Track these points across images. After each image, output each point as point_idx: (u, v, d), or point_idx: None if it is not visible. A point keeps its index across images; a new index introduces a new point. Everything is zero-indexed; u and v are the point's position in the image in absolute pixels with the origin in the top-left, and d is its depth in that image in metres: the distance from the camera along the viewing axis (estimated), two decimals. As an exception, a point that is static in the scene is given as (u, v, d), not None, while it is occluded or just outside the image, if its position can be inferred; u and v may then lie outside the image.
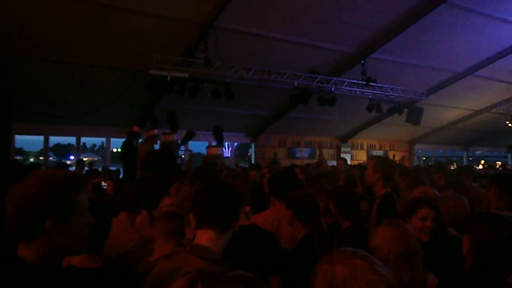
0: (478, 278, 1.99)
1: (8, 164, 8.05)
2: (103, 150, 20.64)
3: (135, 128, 7.99)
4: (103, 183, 7.34)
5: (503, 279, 1.95)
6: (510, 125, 17.19)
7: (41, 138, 12.17)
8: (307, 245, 2.74)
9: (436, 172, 6.14)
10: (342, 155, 16.31)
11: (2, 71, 8.08)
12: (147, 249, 3.00)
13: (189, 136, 8.48)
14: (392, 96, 12.14)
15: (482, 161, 21.17)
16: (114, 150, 16.98)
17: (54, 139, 13.55)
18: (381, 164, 3.86)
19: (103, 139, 13.96)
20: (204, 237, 1.80)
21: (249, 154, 17.35)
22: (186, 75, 8.68)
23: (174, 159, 7.24)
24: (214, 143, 9.24)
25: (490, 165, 12.03)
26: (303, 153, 16.41)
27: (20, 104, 9.00)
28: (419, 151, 20.93)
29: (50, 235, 1.33)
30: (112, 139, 13.24)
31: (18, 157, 14.28)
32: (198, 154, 14.91)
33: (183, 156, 8.89)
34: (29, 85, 9.03)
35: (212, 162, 6.60)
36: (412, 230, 2.39)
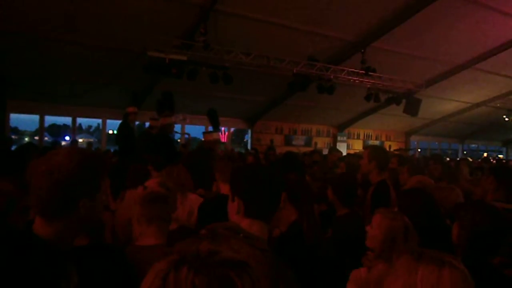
0: (467, 265, 2.02)
1: (4, 142, 8.03)
2: (99, 131, 20.55)
3: (130, 109, 7.94)
4: None
5: (489, 260, 1.98)
6: (506, 119, 17.26)
7: (37, 117, 12.11)
8: (295, 231, 2.76)
9: (434, 163, 6.16)
10: (339, 144, 16.35)
11: (-1, 49, 8.00)
12: None
13: (214, 115, 8.17)
14: (391, 87, 12.12)
15: (485, 154, 21.31)
16: (110, 132, 16.93)
17: (49, 119, 13.48)
18: (376, 153, 3.92)
19: (99, 121, 13.90)
20: (254, 227, 1.67)
21: (245, 140, 17.37)
22: (184, 58, 8.61)
23: (173, 143, 7.20)
24: (210, 128, 9.19)
25: (484, 159, 12.09)
26: (299, 140, 16.44)
27: (16, 82, 8.93)
28: (415, 142, 21.01)
29: (80, 213, 1.37)
30: (108, 121, 13.18)
31: (13, 136, 14.21)
32: (195, 139, 14.91)
33: (179, 140, 8.86)
34: (25, 64, 8.94)
35: (208, 148, 6.58)
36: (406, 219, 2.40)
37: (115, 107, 11.46)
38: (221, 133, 16.13)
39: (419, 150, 21.45)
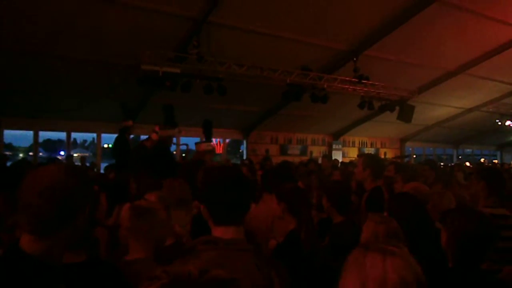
0: (457, 270, 2.04)
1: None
2: (94, 145, 20.47)
3: (125, 123, 7.93)
4: None
5: (479, 266, 2.00)
6: (499, 123, 17.38)
7: (31, 133, 12.07)
8: (293, 239, 2.77)
9: (430, 170, 6.20)
10: (334, 152, 16.40)
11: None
12: None
13: (209, 125, 8.16)
14: (384, 94, 12.20)
15: (482, 159, 21.41)
16: (105, 145, 16.90)
17: (44, 135, 13.45)
18: (370, 161, 3.96)
19: (94, 135, 13.88)
20: (229, 234, 1.61)
21: (240, 150, 17.39)
22: (178, 70, 8.64)
23: (172, 155, 7.17)
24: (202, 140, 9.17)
25: (478, 164, 12.18)
26: (294, 150, 16.46)
27: (9, 98, 8.92)
28: (410, 149, 21.09)
29: (74, 228, 1.36)
30: (103, 135, 13.15)
31: (7, 153, 14.14)
32: (192, 150, 14.88)
33: (174, 152, 8.82)
34: (18, 80, 8.95)
35: (199, 159, 6.57)
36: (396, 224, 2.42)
37: (110, 120, 11.44)
38: (216, 144, 16.15)
39: (414, 156, 21.54)
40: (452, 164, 15.26)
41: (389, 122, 14.91)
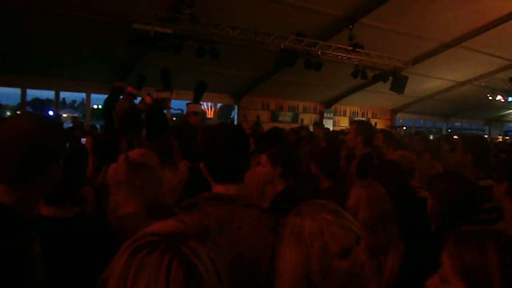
0: (438, 233, 2.09)
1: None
2: (83, 106, 20.20)
3: (118, 84, 7.79)
4: (82, 139, 7.22)
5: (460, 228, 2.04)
6: (490, 98, 17.46)
7: (19, 91, 11.83)
8: (287, 192, 2.82)
9: (419, 140, 6.26)
10: (325, 121, 16.41)
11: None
12: None
13: (202, 88, 8.06)
14: (378, 63, 12.13)
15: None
16: (95, 106, 16.69)
17: (32, 93, 13.20)
18: (362, 128, 3.98)
19: (83, 95, 13.68)
20: (231, 191, 1.61)
21: (231, 116, 17.32)
22: (170, 30, 8.45)
23: (165, 117, 7.11)
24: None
25: (464, 135, 12.35)
26: (286, 117, 16.45)
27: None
28: (400, 120, 21.20)
29: (48, 179, 1.35)
30: (92, 95, 12.97)
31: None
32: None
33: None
34: (5, 36, 8.68)
35: (185, 120, 6.54)
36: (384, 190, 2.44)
37: (100, 81, 11.28)
38: (207, 108, 16.06)
39: (404, 128, 21.70)
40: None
41: (381, 92, 14.90)
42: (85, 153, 2.10)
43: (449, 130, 23.39)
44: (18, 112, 16.75)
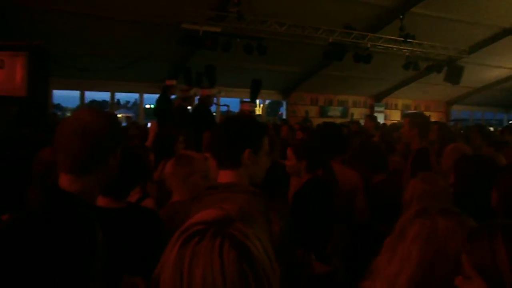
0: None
1: (48, 118, 8.32)
2: (136, 107, 20.98)
3: (168, 82, 8.03)
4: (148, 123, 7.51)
5: None
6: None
7: (77, 94, 12.44)
8: (312, 183, 2.83)
9: (477, 132, 5.93)
10: (376, 115, 15.97)
11: (39, 26, 8.21)
12: None
13: (257, 86, 8.27)
14: (431, 54, 11.66)
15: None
16: (147, 106, 17.23)
17: (89, 95, 13.85)
18: (417, 120, 3.83)
19: (136, 96, 14.16)
20: (227, 176, 1.72)
21: (280, 113, 17.31)
22: (218, 29, 8.59)
23: (212, 115, 7.26)
24: (246, 100, 9.19)
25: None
26: (335, 111, 16.18)
27: (57, 59, 9.15)
28: (456, 112, 20.24)
29: (107, 169, 1.45)
30: (145, 95, 13.41)
31: (58, 113, 14.69)
32: (232, 112, 14.99)
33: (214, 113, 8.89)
34: (64, 40, 9.14)
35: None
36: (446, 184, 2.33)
37: (152, 81, 11.63)
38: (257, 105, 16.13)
39: (461, 120, 20.71)
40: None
41: (435, 84, 14.31)
42: (145, 151, 2.22)
43: (510, 122, 22.05)
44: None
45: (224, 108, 8.86)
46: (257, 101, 15.30)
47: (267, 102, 16.65)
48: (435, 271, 1.25)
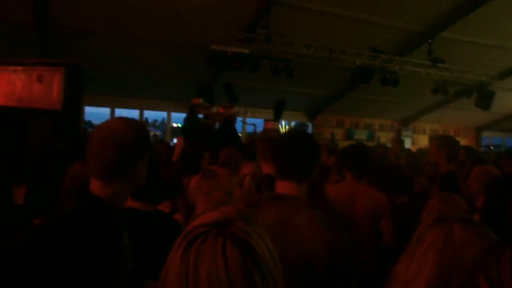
0: None
1: (81, 134, 8.58)
2: (163, 125, 21.38)
3: (194, 101, 8.21)
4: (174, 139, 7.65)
5: None
6: None
7: (107, 111, 12.77)
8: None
9: (507, 159, 5.78)
10: (403, 139, 15.76)
11: (73, 45, 8.56)
12: None
13: (281, 106, 8.42)
14: (461, 78, 11.49)
15: None
16: (175, 125, 17.52)
17: (119, 113, 14.21)
18: (445, 142, 3.77)
19: (164, 115, 14.43)
20: (287, 187, 1.76)
21: (306, 134, 17.23)
22: (246, 51, 8.75)
23: (238, 133, 7.33)
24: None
25: None
26: (361, 135, 16.05)
27: (90, 76, 9.47)
28: (487, 139, 19.74)
29: (136, 175, 1.50)
30: (172, 114, 13.67)
31: (89, 129, 15.11)
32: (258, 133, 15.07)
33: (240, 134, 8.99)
34: (97, 58, 9.47)
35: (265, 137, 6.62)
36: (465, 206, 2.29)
37: (180, 100, 11.88)
38: (281, 125, 16.18)
39: (491, 147, 20.15)
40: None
41: (465, 109, 14.07)
42: (177, 167, 2.33)
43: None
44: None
45: (250, 128, 8.95)
46: (282, 123, 15.39)
47: (292, 123, 16.67)
48: (451, 277, 1.26)
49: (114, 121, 1.55)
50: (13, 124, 4.02)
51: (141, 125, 1.56)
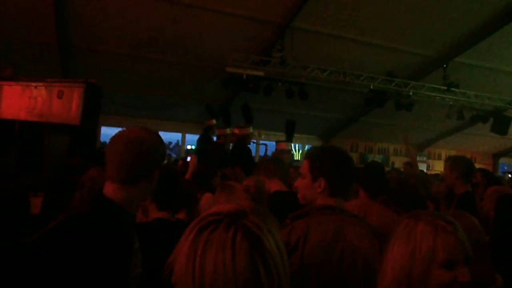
0: None
1: (96, 152, 8.71)
2: (178, 148, 21.65)
3: (208, 122, 8.32)
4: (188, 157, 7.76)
5: None
6: None
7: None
8: None
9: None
10: (418, 165, 15.58)
11: (91, 65, 8.79)
12: None
13: (292, 126, 8.50)
14: (476, 104, 11.41)
15: None
16: (188, 147, 17.66)
17: (134, 133, 14.39)
18: (457, 163, 3.74)
19: (178, 138, 14.57)
20: (341, 204, 1.85)
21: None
22: (261, 73, 8.86)
23: (251, 154, 7.36)
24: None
25: None
26: (375, 159, 15.92)
27: (106, 96, 9.66)
28: (505, 166, 19.40)
29: (151, 181, 1.55)
30: (187, 135, 13.79)
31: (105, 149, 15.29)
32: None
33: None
34: (112, 79, 9.65)
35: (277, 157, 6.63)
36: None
37: (194, 121, 12.00)
38: (294, 146, 16.17)
39: (510, 175, 19.77)
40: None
41: (481, 134, 13.92)
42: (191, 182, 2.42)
43: None
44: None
45: (262, 148, 9.00)
46: (296, 146, 15.38)
47: (306, 147, 16.66)
48: (412, 268, 1.30)
49: (134, 128, 1.60)
50: (32, 138, 4.13)
51: (156, 133, 1.62)
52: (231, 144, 7.44)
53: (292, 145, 15.06)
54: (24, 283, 1.28)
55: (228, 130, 7.57)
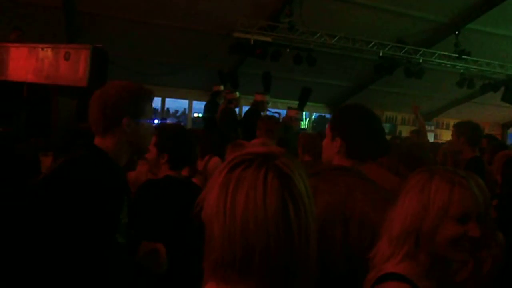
0: None
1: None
2: (184, 116, 21.63)
3: (215, 88, 8.28)
4: None
5: None
6: None
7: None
8: None
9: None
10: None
11: (97, 31, 8.69)
12: None
13: (307, 94, 8.44)
14: (488, 72, 11.22)
15: None
16: (195, 115, 17.65)
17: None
18: (464, 128, 3.71)
19: (186, 105, 14.53)
20: (351, 164, 1.79)
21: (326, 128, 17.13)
22: (269, 39, 8.74)
23: None
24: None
25: None
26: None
27: (111, 63, 9.61)
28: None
29: (125, 129, 1.70)
30: (194, 102, 13.74)
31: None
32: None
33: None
34: (119, 44, 9.56)
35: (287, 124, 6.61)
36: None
37: (201, 88, 11.93)
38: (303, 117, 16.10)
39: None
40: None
41: (491, 104, 13.74)
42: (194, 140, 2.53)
43: None
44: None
45: (276, 116, 8.95)
46: (304, 114, 15.31)
47: (314, 116, 16.58)
48: (423, 221, 1.31)
49: (106, 85, 1.78)
50: (40, 101, 4.16)
51: (131, 85, 1.78)
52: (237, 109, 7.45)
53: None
54: (28, 221, 1.48)
55: (237, 94, 7.55)
